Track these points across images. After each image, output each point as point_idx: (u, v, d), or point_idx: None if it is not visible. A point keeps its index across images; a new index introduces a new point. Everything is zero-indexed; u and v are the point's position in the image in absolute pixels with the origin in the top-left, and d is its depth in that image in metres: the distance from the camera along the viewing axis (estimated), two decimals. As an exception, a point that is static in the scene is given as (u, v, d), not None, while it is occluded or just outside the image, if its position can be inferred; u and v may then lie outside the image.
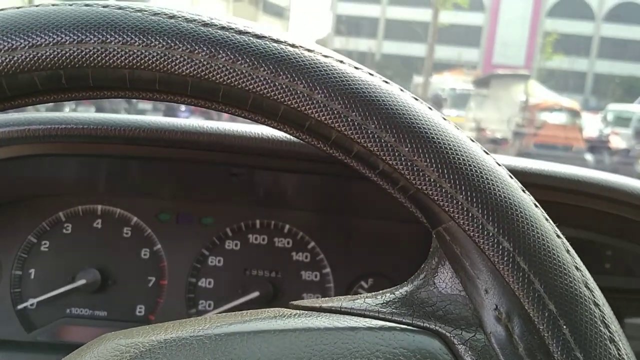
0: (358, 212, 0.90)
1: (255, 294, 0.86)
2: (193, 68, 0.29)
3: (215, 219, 0.90)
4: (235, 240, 0.91)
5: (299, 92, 0.29)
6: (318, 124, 0.30)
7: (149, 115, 0.84)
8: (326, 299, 0.36)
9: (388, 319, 0.34)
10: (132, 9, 0.30)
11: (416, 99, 0.32)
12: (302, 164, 0.80)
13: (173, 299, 0.88)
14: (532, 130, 9.25)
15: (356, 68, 0.32)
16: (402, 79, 30.18)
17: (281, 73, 0.29)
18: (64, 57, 0.28)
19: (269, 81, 0.29)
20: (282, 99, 0.29)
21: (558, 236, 0.31)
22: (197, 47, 0.29)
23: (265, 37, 0.30)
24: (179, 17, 0.29)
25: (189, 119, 0.80)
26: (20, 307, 0.86)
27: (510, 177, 0.32)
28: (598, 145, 9.40)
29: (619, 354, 0.28)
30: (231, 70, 0.29)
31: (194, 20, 0.30)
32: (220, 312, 0.77)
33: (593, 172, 0.82)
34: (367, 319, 0.34)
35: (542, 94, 10.02)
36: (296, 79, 0.29)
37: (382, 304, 0.35)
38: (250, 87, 0.29)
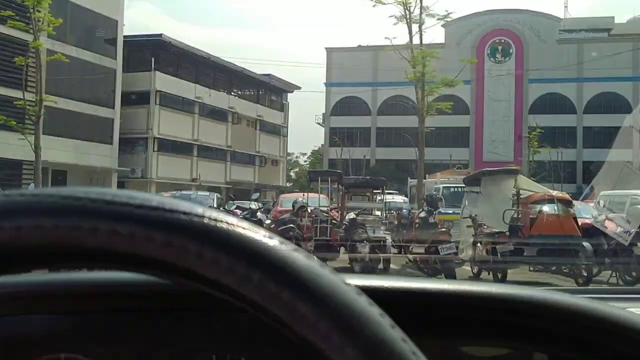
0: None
1: None
2: (98, 242, 0.33)
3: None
4: None
5: (190, 254, 0.33)
6: (210, 280, 0.34)
7: None
8: None
9: None
10: (45, 194, 0.34)
11: (296, 250, 0.36)
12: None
13: None
14: (527, 222, 9.56)
15: (243, 228, 0.35)
16: (398, 182, 30.83)
17: (173, 239, 0.33)
18: None
19: (163, 247, 0.33)
20: (177, 261, 0.33)
21: None
22: (100, 224, 0.33)
23: (159, 208, 0.34)
24: (84, 199, 0.33)
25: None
26: None
27: (381, 315, 0.35)
28: (594, 232, 9.69)
29: None
30: (130, 242, 0.33)
31: (98, 200, 0.34)
32: None
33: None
34: None
35: (532, 187, 10.41)
36: (186, 242, 0.33)
37: None
38: (147, 254, 0.33)
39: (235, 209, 11.66)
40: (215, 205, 12.91)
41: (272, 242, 0.35)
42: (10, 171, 24.57)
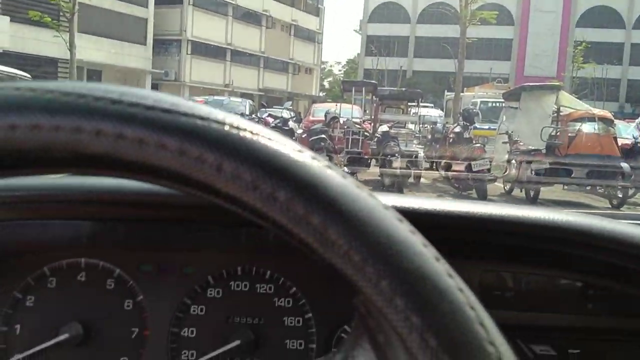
0: None
1: (236, 342, 0.86)
2: (102, 147, 0.29)
3: (196, 267, 0.91)
4: (217, 288, 0.91)
5: (207, 165, 0.29)
6: (230, 196, 0.30)
7: None
8: None
9: None
10: (44, 90, 0.30)
11: (329, 167, 0.32)
12: None
13: (156, 350, 0.87)
14: (566, 141, 9.31)
15: (269, 138, 0.31)
16: (435, 95, 30.22)
17: (188, 147, 0.29)
18: None
19: (177, 156, 0.29)
20: (192, 174, 0.30)
21: (472, 308, 0.30)
22: (104, 126, 0.29)
23: (173, 111, 0.30)
24: (89, 96, 0.30)
25: None
26: None
27: (425, 245, 0.31)
28: (634, 152, 9.41)
29: None
30: (138, 149, 0.29)
31: (103, 98, 0.30)
32: None
33: (560, 214, 0.83)
34: None
35: (573, 104, 10.05)
36: (204, 152, 0.29)
37: None
38: (158, 163, 0.29)
39: (267, 116, 11.58)
40: (247, 112, 12.82)
41: (303, 156, 0.31)
42: (46, 68, 24.74)
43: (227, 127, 0.30)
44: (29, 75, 14.99)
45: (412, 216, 0.31)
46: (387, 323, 0.30)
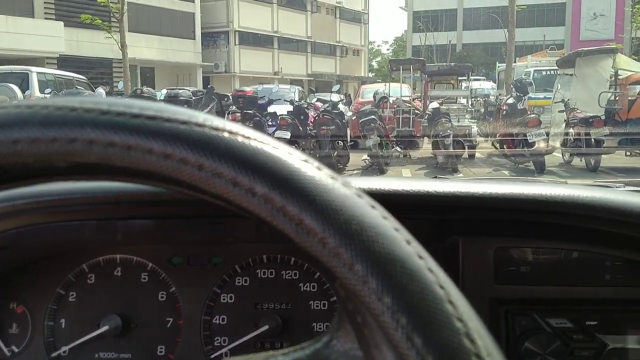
0: None
1: (265, 327, 0.90)
2: (95, 155, 0.31)
3: (224, 258, 0.95)
4: (244, 277, 0.95)
5: (189, 166, 0.31)
6: (212, 193, 0.32)
7: None
8: (244, 356, 0.40)
9: None
10: (40, 106, 0.33)
11: (305, 161, 0.34)
12: None
13: (190, 337, 0.92)
14: (625, 105, 8.95)
15: (246, 137, 0.33)
16: (486, 67, 29.48)
17: (172, 151, 0.31)
18: None
19: (162, 159, 0.31)
20: (176, 175, 0.32)
21: (441, 287, 0.31)
22: (95, 136, 0.31)
23: (157, 117, 0.32)
24: (80, 109, 0.32)
25: None
26: (54, 355, 0.92)
27: (396, 229, 0.33)
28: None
29: None
30: (127, 154, 0.31)
31: (93, 110, 0.32)
32: (233, 348, 0.92)
33: (574, 189, 0.84)
34: None
35: (632, 67, 9.62)
36: (186, 154, 0.31)
37: None
38: (146, 167, 0.32)
39: (316, 101, 11.60)
40: (296, 99, 12.87)
41: (278, 152, 0.33)
42: (101, 69, 25.57)
43: (206, 130, 0.33)
44: (85, 78, 15.60)
45: (419, 197, 0.34)
46: (362, 304, 0.31)
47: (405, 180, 0.84)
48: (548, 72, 14.38)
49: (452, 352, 0.29)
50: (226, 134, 0.33)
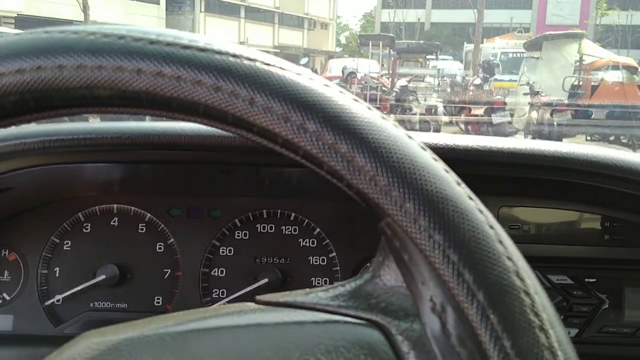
0: None
1: (265, 280, 0.90)
2: (143, 84, 0.31)
3: (223, 211, 0.95)
4: (244, 231, 0.95)
5: (240, 99, 0.31)
6: (263, 129, 0.32)
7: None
8: (285, 293, 0.39)
9: (335, 311, 0.37)
10: (86, 32, 0.32)
11: (356, 100, 0.34)
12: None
13: (188, 289, 0.93)
14: (589, 90, 9.12)
15: (297, 74, 0.33)
16: (454, 47, 29.65)
17: (223, 83, 0.31)
18: (26, 83, 0.31)
19: (212, 92, 0.31)
20: (226, 108, 0.31)
21: (491, 227, 0.32)
22: (144, 65, 0.31)
23: (208, 49, 0.32)
24: (128, 37, 0.32)
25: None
26: (47, 303, 0.92)
27: (446, 171, 0.33)
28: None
29: (548, 341, 0.29)
30: (177, 85, 0.31)
31: (142, 39, 0.32)
32: (231, 300, 0.91)
33: (580, 147, 0.84)
34: (315, 313, 0.37)
35: (597, 52, 9.81)
36: (237, 87, 0.31)
37: (331, 297, 0.38)
38: (196, 98, 0.31)
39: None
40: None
41: (330, 90, 0.33)
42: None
43: (258, 64, 0.32)
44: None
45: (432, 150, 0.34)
46: (411, 242, 0.32)
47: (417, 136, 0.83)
48: (514, 55, 14.54)
49: (502, 289, 0.30)
50: (278, 70, 0.32)
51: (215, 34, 32.75)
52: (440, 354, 0.33)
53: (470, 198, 0.32)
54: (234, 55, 0.32)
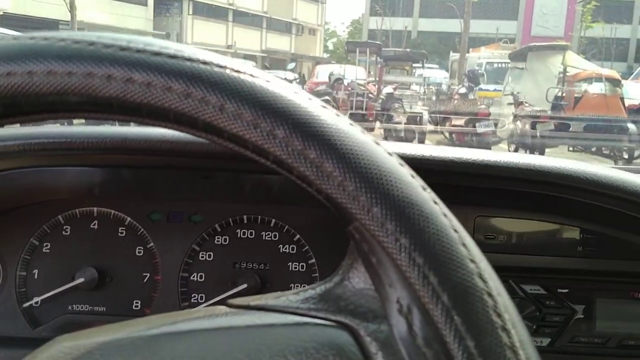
0: None
1: (244, 286, 0.91)
2: (113, 91, 0.31)
3: (204, 216, 0.95)
4: (224, 236, 0.95)
5: (210, 106, 0.31)
6: (233, 135, 0.32)
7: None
8: (256, 296, 0.40)
9: (304, 314, 0.38)
10: (57, 38, 0.32)
11: (325, 107, 0.34)
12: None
13: (167, 293, 0.93)
14: (572, 101, 9.23)
15: (267, 81, 0.33)
16: (439, 56, 29.86)
17: (193, 90, 0.31)
18: None
19: (183, 98, 0.31)
20: (197, 114, 0.31)
21: (455, 230, 0.32)
22: (114, 71, 0.31)
23: (178, 56, 0.32)
24: (98, 44, 0.32)
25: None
26: (25, 305, 0.91)
27: (412, 176, 0.34)
28: (640, 114, 9.32)
29: (510, 341, 0.30)
30: (147, 91, 0.31)
31: (112, 46, 0.32)
32: (210, 305, 0.90)
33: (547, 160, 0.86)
34: (285, 315, 0.38)
35: (580, 64, 9.93)
36: (207, 94, 0.31)
37: (301, 300, 0.39)
38: (167, 104, 0.31)
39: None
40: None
41: (299, 97, 0.33)
42: (47, 30, 24.48)
43: (228, 71, 0.32)
44: (29, 38, 14.86)
45: (407, 161, 0.35)
46: (378, 246, 0.33)
47: (387, 144, 0.84)
48: (500, 65, 14.68)
49: (465, 290, 0.31)
50: (247, 77, 0.33)
51: (203, 37, 32.68)
52: (407, 354, 0.34)
53: (435, 202, 0.33)
54: (204, 62, 0.32)
